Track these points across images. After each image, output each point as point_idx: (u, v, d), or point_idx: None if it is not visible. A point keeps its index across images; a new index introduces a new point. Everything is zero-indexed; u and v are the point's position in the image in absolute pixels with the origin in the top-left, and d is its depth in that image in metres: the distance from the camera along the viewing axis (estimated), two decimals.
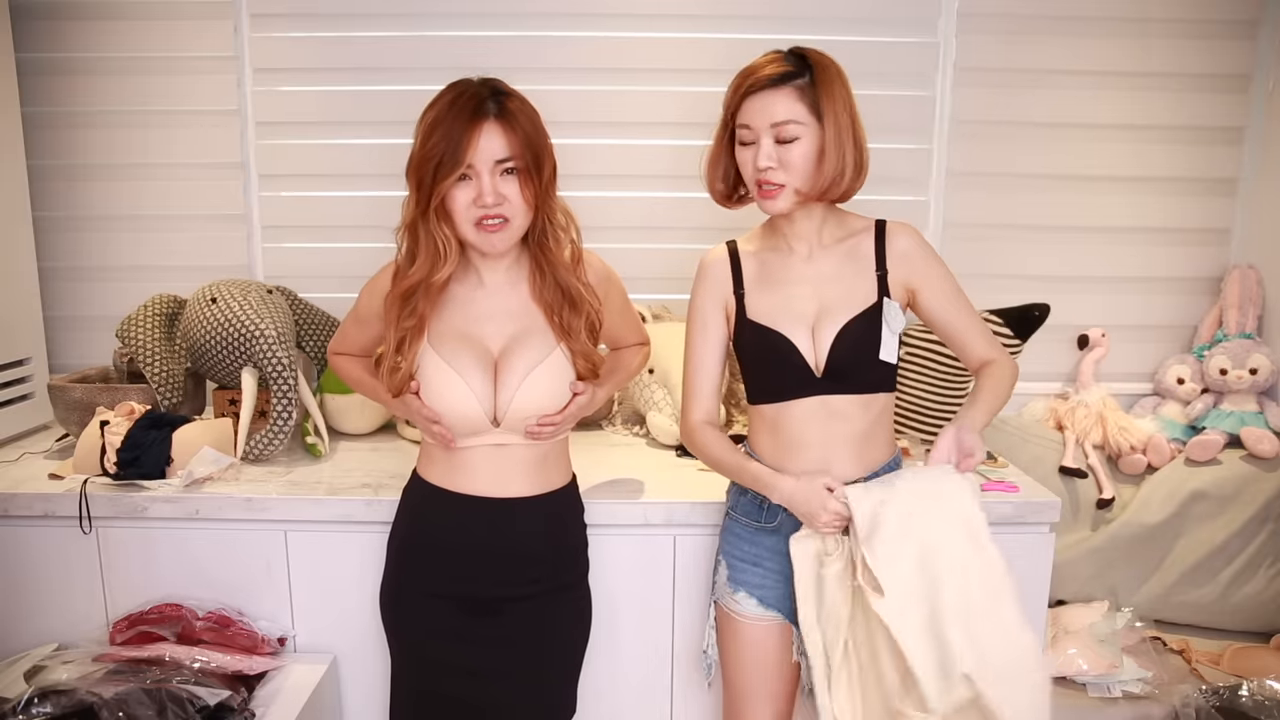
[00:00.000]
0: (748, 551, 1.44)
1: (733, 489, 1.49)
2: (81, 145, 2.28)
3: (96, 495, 1.68)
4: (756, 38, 2.23)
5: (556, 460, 1.46)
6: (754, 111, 1.30)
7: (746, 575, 1.43)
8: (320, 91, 2.28)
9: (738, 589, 1.44)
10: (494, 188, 1.28)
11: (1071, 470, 2.16)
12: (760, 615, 1.42)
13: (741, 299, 1.41)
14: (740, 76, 1.32)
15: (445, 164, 1.26)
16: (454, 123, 1.26)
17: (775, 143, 1.30)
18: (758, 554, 1.43)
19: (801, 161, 1.30)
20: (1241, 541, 2.11)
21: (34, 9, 2.20)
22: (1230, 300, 2.28)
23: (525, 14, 2.23)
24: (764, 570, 1.42)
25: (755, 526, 1.43)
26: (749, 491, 1.43)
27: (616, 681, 1.73)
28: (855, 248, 1.39)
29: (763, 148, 1.30)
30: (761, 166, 1.30)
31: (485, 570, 1.40)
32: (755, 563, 1.43)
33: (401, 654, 1.47)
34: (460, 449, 1.39)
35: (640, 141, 2.30)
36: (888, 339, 1.35)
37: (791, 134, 1.29)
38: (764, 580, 1.42)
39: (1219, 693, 1.80)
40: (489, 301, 1.40)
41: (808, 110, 1.29)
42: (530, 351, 1.37)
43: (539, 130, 1.32)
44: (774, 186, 1.31)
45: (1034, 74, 2.27)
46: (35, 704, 1.43)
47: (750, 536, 1.44)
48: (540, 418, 1.37)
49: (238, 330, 1.83)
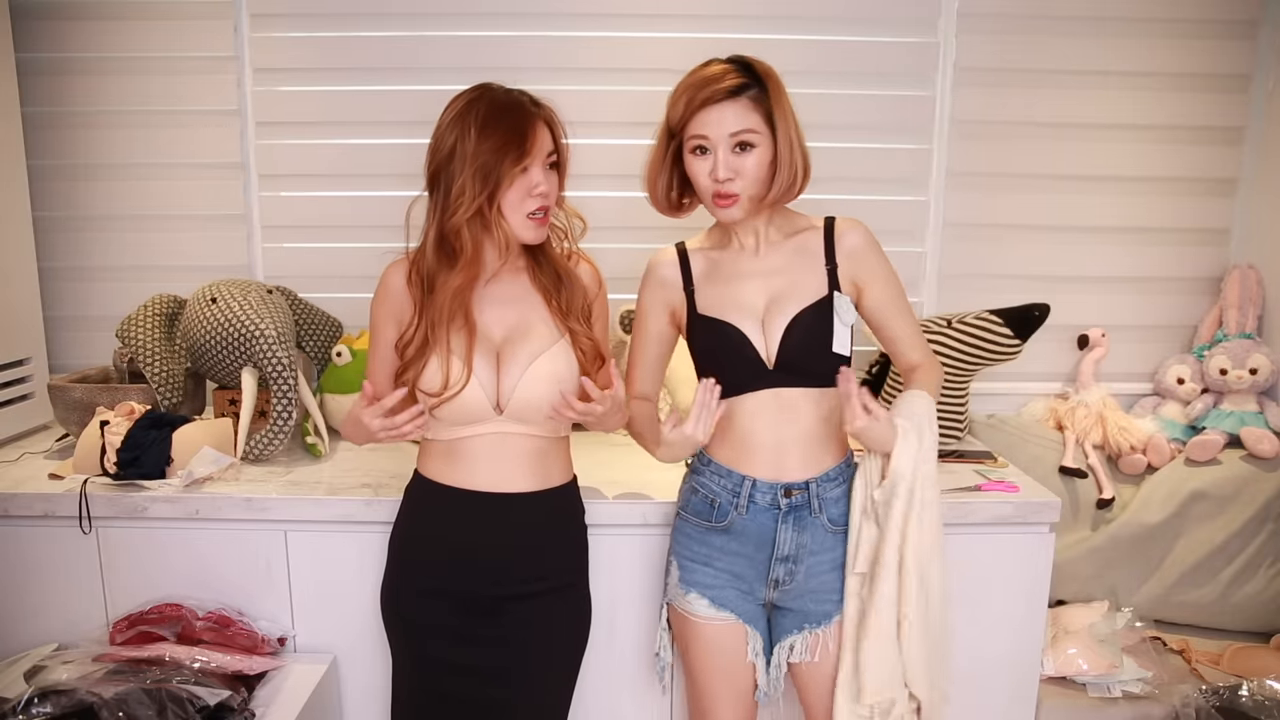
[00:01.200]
0: (698, 551, 1.44)
1: (684, 488, 1.50)
2: (81, 145, 2.28)
3: (96, 495, 1.68)
4: (756, 38, 2.23)
5: (557, 457, 1.46)
6: (710, 123, 1.31)
7: (698, 575, 1.44)
8: (320, 91, 2.27)
9: (689, 589, 1.44)
10: (545, 178, 1.35)
11: (1071, 470, 2.16)
12: (713, 615, 1.42)
13: (691, 295, 1.44)
14: (689, 89, 1.32)
15: (512, 155, 1.30)
16: (515, 117, 1.31)
17: (730, 152, 1.31)
18: (708, 554, 1.43)
19: (756, 169, 1.32)
20: (1241, 541, 2.11)
21: (34, 9, 2.21)
22: (1230, 300, 2.28)
23: (525, 14, 2.23)
24: (714, 570, 1.43)
25: (705, 526, 1.43)
26: (699, 490, 1.44)
27: (615, 681, 1.73)
28: (804, 243, 1.42)
29: (720, 159, 1.31)
30: (722, 178, 1.31)
31: (484, 567, 1.40)
32: (706, 562, 1.43)
33: (401, 653, 1.47)
34: (461, 439, 1.39)
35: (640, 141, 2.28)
36: (840, 331, 1.37)
37: (748, 141, 1.31)
38: (715, 580, 1.43)
39: (1219, 693, 1.80)
40: (490, 290, 1.41)
41: (762, 120, 1.31)
42: (533, 339, 1.38)
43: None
44: (730, 197, 1.33)
45: (1034, 74, 2.27)
46: (35, 704, 1.43)
47: (700, 536, 1.44)
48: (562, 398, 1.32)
49: (238, 330, 1.83)
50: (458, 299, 1.35)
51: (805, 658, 1.42)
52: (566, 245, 1.47)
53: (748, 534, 1.41)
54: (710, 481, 1.43)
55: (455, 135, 1.31)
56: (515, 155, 1.30)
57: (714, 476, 1.43)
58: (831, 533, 1.40)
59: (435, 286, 1.36)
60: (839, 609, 1.40)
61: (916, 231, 2.33)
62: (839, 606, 1.40)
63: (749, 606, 1.44)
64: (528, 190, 1.33)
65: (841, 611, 1.40)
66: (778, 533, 1.39)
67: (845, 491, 1.41)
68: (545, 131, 1.35)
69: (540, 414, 1.38)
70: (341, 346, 2.07)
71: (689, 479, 1.49)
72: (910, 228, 2.32)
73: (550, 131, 1.36)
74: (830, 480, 1.41)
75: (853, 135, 2.29)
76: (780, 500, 1.39)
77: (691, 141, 1.34)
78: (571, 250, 1.47)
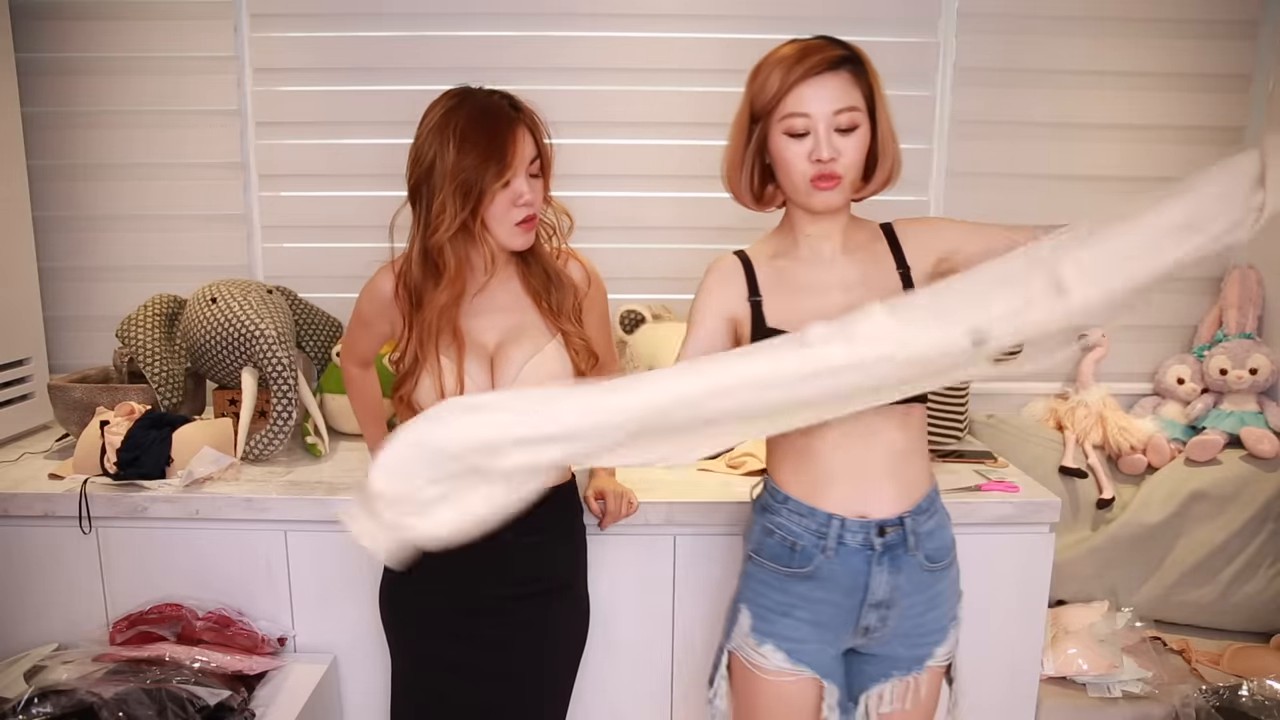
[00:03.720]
0: (776, 600, 1.27)
1: (754, 529, 1.33)
2: (81, 145, 2.28)
3: (96, 495, 1.68)
4: (757, 38, 2.23)
5: None
6: (811, 98, 1.17)
7: (776, 626, 1.26)
8: (320, 91, 2.27)
9: (764, 641, 1.27)
10: (529, 186, 1.31)
11: (1071, 470, 2.16)
12: (789, 669, 1.26)
13: (758, 305, 1.27)
14: (781, 63, 1.19)
15: (494, 170, 1.26)
16: (495, 128, 1.27)
17: (833, 132, 1.18)
18: (788, 603, 1.26)
19: (857, 153, 1.20)
20: (1241, 541, 2.10)
21: (34, 9, 2.20)
22: (1230, 300, 2.28)
23: (525, 14, 2.23)
24: (795, 621, 1.26)
25: (785, 572, 1.26)
26: (776, 532, 1.27)
27: (615, 682, 1.73)
28: (874, 250, 1.30)
29: (823, 138, 1.17)
30: (826, 158, 1.17)
31: (481, 567, 1.40)
32: (785, 612, 1.26)
33: (400, 653, 1.47)
34: None
35: (640, 141, 2.30)
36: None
37: (852, 122, 1.18)
38: (795, 631, 1.26)
39: (1219, 693, 1.80)
40: (482, 296, 1.40)
41: (863, 98, 1.20)
42: (526, 342, 1.37)
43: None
44: (834, 178, 1.19)
45: (1034, 74, 2.27)
46: (35, 704, 1.43)
47: (779, 583, 1.27)
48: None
49: (238, 330, 1.83)
50: (445, 316, 1.33)
51: (896, 706, 1.29)
52: (556, 243, 1.43)
53: (835, 579, 1.24)
54: (789, 521, 1.26)
55: (434, 148, 1.27)
56: (497, 170, 1.26)
57: (793, 516, 1.26)
58: (928, 571, 1.26)
59: (423, 302, 1.34)
60: (932, 652, 1.29)
61: None
62: (932, 650, 1.28)
63: (828, 658, 1.28)
64: (512, 202, 1.29)
65: (934, 654, 1.28)
66: (871, 576, 1.23)
67: (939, 523, 1.28)
68: (527, 138, 1.30)
69: None
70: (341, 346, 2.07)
71: (759, 518, 1.31)
72: None
73: (532, 136, 1.31)
74: (923, 513, 1.25)
75: None
76: (874, 540, 1.23)
77: (786, 122, 1.19)
78: (560, 249, 1.44)
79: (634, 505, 1.62)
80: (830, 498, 1.24)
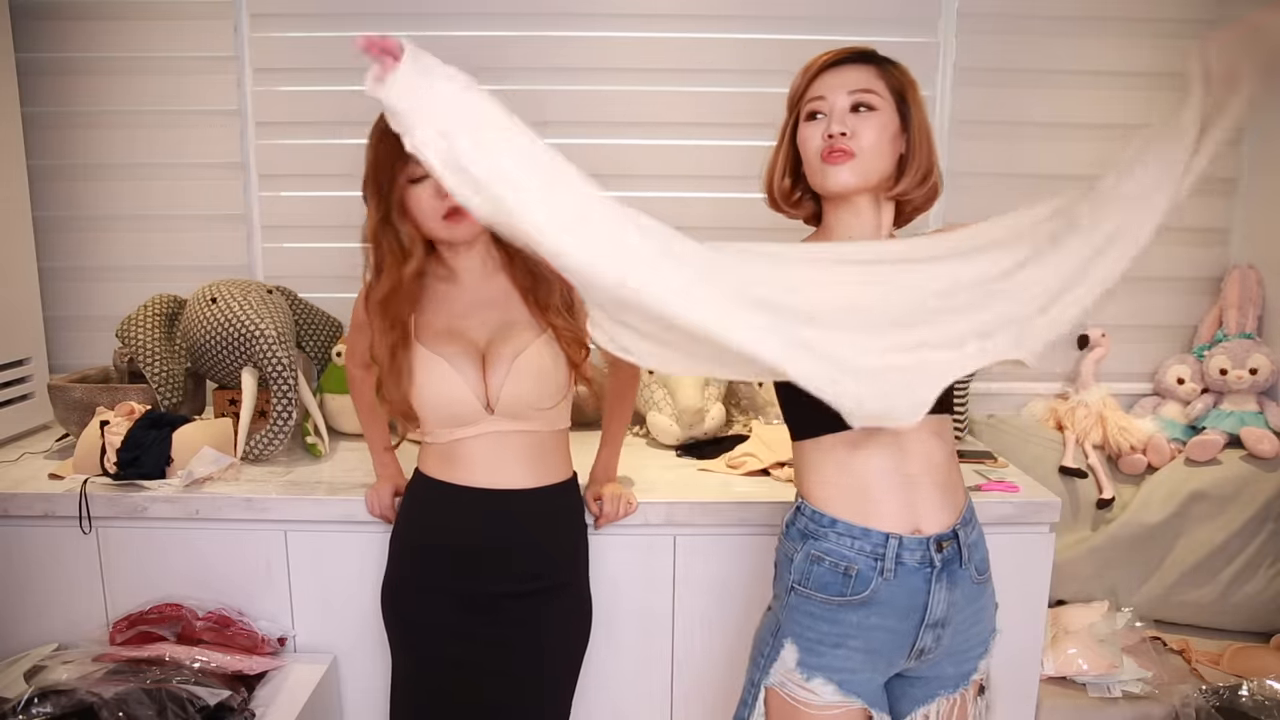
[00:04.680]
0: (827, 632, 1.19)
1: (797, 559, 1.22)
2: (81, 145, 2.28)
3: (96, 495, 1.68)
4: (757, 38, 2.23)
5: (555, 453, 1.46)
6: (828, 84, 1.19)
7: (827, 659, 1.20)
8: (320, 91, 2.27)
9: (813, 675, 1.20)
10: None
11: (1071, 470, 2.16)
12: (839, 702, 1.20)
13: None
14: (812, 61, 1.23)
15: (398, 164, 1.29)
16: None
17: (850, 111, 1.18)
18: (840, 634, 1.19)
19: (875, 133, 1.17)
20: (1241, 541, 2.11)
21: (34, 9, 2.20)
22: (1230, 300, 2.28)
23: (525, 14, 2.23)
24: (848, 651, 1.19)
25: (838, 602, 1.19)
26: (826, 558, 1.19)
27: (615, 682, 1.73)
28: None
29: (835, 115, 1.18)
30: (834, 132, 1.16)
31: (483, 564, 1.40)
32: (837, 644, 1.19)
33: (401, 651, 1.47)
34: (458, 440, 1.39)
35: (640, 141, 2.30)
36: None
37: (868, 101, 1.18)
38: (848, 663, 1.19)
39: (1219, 693, 1.80)
40: (469, 296, 1.41)
41: (887, 87, 1.19)
42: (515, 338, 1.39)
43: None
44: (843, 152, 1.17)
45: (1034, 74, 2.27)
46: (35, 704, 1.43)
47: (829, 614, 1.19)
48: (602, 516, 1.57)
49: (238, 330, 1.83)
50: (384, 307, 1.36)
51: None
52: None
53: (894, 603, 1.18)
54: (839, 546, 1.18)
55: (366, 156, 1.34)
56: (402, 163, 1.29)
57: (844, 539, 1.18)
58: (976, 584, 1.24)
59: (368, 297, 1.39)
60: (976, 667, 1.27)
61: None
62: (976, 665, 1.27)
63: (875, 686, 1.23)
64: (433, 195, 1.30)
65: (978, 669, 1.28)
66: (930, 595, 1.18)
67: (980, 532, 1.27)
68: None
69: (535, 404, 1.39)
70: (342, 346, 2.07)
71: (801, 545, 1.22)
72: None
73: None
74: (968, 524, 1.23)
75: None
76: (933, 556, 1.18)
77: (807, 107, 1.20)
78: None
79: (633, 505, 1.63)
80: (881, 516, 1.18)
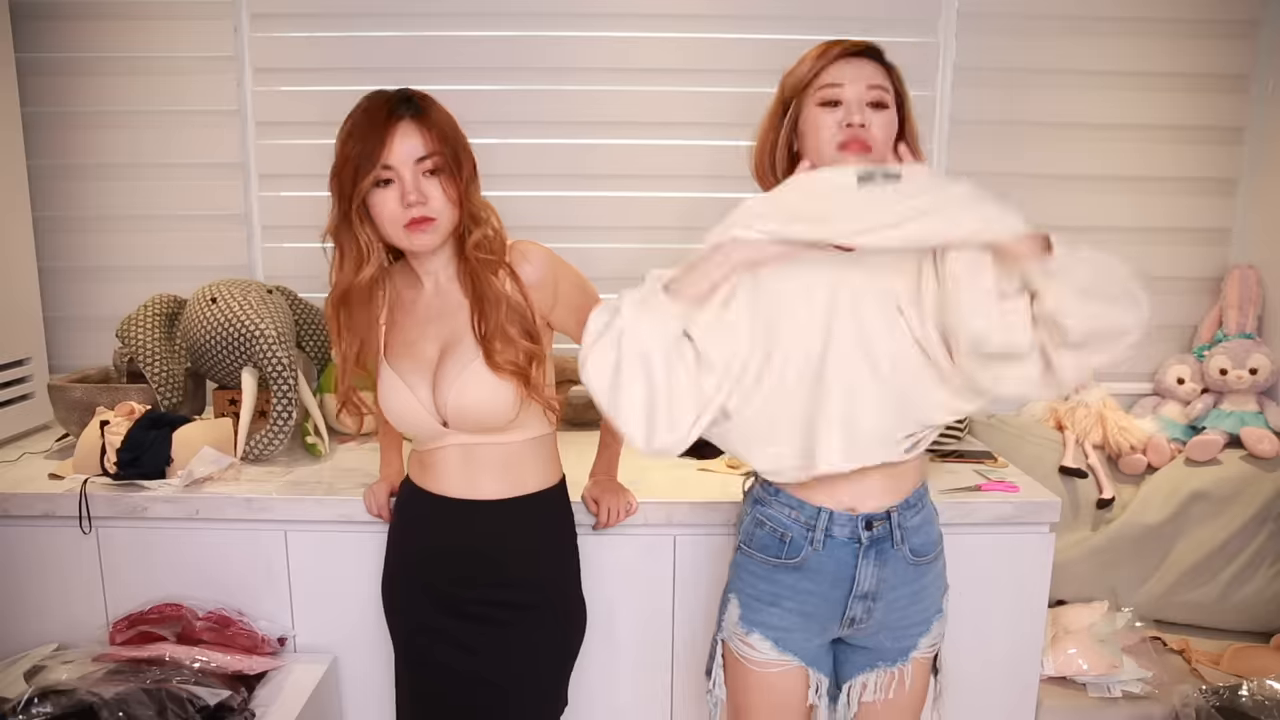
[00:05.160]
0: (764, 590, 1.30)
1: (746, 521, 1.35)
2: (81, 145, 2.28)
3: (96, 495, 1.68)
4: (757, 38, 2.23)
5: (531, 463, 1.41)
6: (847, 73, 1.22)
7: (763, 615, 1.30)
8: (320, 91, 2.27)
9: (751, 630, 1.30)
10: (416, 185, 1.27)
11: (1071, 470, 2.16)
12: (776, 659, 1.29)
13: None
14: (821, 47, 1.25)
15: (363, 166, 1.26)
16: (369, 127, 1.27)
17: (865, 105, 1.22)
18: (776, 593, 1.29)
19: (884, 131, 1.22)
20: (1241, 541, 2.11)
21: (34, 9, 2.20)
22: (1230, 300, 2.28)
23: (525, 14, 2.22)
24: (783, 610, 1.29)
25: (774, 563, 1.29)
26: (766, 523, 1.30)
27: (615, 683, 1.73)
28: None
29: (854, 106, 1.21)
30: (858, 121, 1.20)
31: (452, 572, 1.40)
32: (773, 602, 1.29)
33: (398, 644, 1.49)
34: (430, 449, 1.40)
35: (640, 141, 2.30)
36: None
37: (882, 100, 1.22)
38: (783, 621, 1.29)
39: (1219, 693, 1.80)
40: (431, 304, 1.38)
41: (893, 88, 1.25)
42: (462, 351, 1.34)
43: (455, 128, 1.32)
44: (864, 145, 1.21)
45: (1034, 74, 2.27)
46: (35, 704, 1.43)
47: (767, 574, 1.30)
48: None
49: (238, 330, 1.83)
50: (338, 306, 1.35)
51: (880, 696, 1.33)
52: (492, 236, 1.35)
53: (823, 571, 1.27)
54: (779, 514, 1.29)
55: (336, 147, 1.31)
56: (366, 166, 1.26)
57: (783, 508, 1.28)
58: (914, 565, 1.29)
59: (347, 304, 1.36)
60: (916, 644, 1.32)
61: None
62: (916, 642, 1.32)
63: (814, 647, 1.31)
64: (398, 200, 1.27)
65: (919, 645, 1.32)
66: (857, 569, 1.26)
67: (926, 518, 1.31)
68: (412, 136, 1.26)
69: (484, 423, 1.35)
70: None
71: (751, 510, 1.34)
72: None
73: (425, 134, 1.27)
74: (911, 508, 1.28)
75: None
76: (861, 534, 1.26)
77: (821, 93, 1.23)
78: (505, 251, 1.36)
79: (633, 506, 1.62)
80: (819, 492, 1.26)
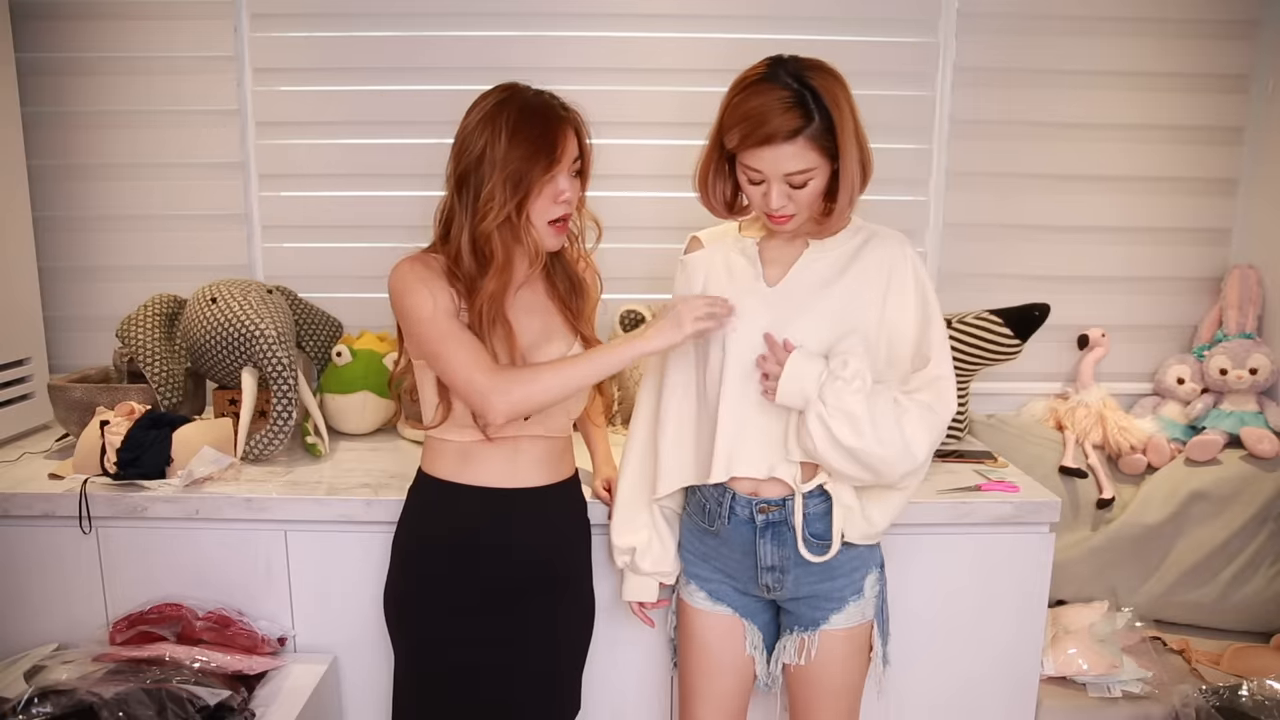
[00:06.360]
0: (696, 547, 1.47)
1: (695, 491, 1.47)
2: (81, 145, 2.28)
3: (96, 495, 1.68)
4: (756, 38, 2.23)
5: (566, 453, 1.49)
6: (765, 161, 1.25)
7: (696, 569, 1.47)
8: (320, 91, 2.27)
9: (689, 580, 1.48)
10: (571, 186, 1.34)
11: (1071, 470, 2.16)
12: (711, 609, 1.45)
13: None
14: (745, 122, 1.24)
15: (543, 163, 1.29)
16: (547, 121, 1.31)
17: (785, 185, 1.27)
18: (705, 551, 1.46)
19: (812, 197, 1.29)
20: (1241, 541, 2.11)
21: (34, 9, 2.20)
22: (1230, 300, 2.28)
23: (524, 14, 2.23)
24: (710, 568, 1.45)
25: (703, 528, 1.44)
26: (696, 492, 1.44)
27: (616, 680, 1.73)
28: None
29: (774, 192, 1.27)
30: (775, 209, 1.29)
31: (487, 564, 1.40)
32: (703, 559, 1.46)
33: (408, 654, 1.47)
34: (477, 441, 1.39)
35: (639, 141, 2.30)
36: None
37: (803, 181, 1.27)
38: (711, 575, 1.45)
39: (1219, 693, 1.80)
40: (514, 298, 1.41)
41: (820, 155, 1.25)
42: (552, 347, 1.40)
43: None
44: (786, 218, 1.31)
45: (1034, 74, 2.27)
46: (35, 704, 1.43)
47: (698, 534, 1.46)
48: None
49: (238, 330, 1.83)
50: (494, 305, 1.33)
51: (794, 660, 1.43)
52: (579, 247, 1.48)
53: (733, 541, 1.40)
54: (705, 489, 1.42)
55: (485, 138, 1.29)
56: (545, 163, 1.29)
57: (708, 486, 1.41)
58: (818, 550, 1.37)
59: (474, 291, 1.34)
60: (828, 618, 1.40)
61: (917, 232, 2.33)
62: (829, 616, 1.40)
63: (747, 601, 1.45)
64: (554, 198, 1.33)
65: (830, 620, 1.40)
66: (758, 546, 1.38)
67: (829, 508, 1.37)
68: (573, 138, 1.35)
69: (554, 417, 1.41)
70: (341, 346, 2.07)
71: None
72: (910, 228, 2.32)
73: (577, 137, 1.36)
74: (812, 497, 1.37)
75: None
76: (756, 515, 1.37)
77: (745, 172, 1.30)
78: (581, 255, 1.48)
79: None
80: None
